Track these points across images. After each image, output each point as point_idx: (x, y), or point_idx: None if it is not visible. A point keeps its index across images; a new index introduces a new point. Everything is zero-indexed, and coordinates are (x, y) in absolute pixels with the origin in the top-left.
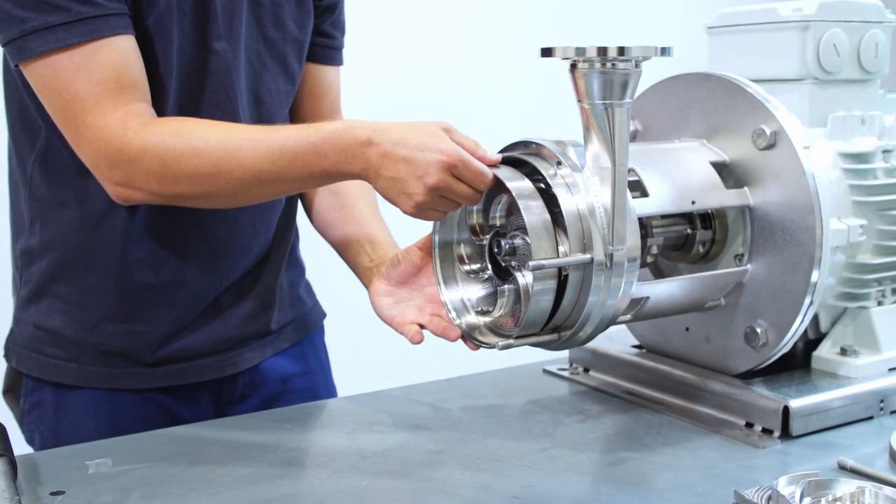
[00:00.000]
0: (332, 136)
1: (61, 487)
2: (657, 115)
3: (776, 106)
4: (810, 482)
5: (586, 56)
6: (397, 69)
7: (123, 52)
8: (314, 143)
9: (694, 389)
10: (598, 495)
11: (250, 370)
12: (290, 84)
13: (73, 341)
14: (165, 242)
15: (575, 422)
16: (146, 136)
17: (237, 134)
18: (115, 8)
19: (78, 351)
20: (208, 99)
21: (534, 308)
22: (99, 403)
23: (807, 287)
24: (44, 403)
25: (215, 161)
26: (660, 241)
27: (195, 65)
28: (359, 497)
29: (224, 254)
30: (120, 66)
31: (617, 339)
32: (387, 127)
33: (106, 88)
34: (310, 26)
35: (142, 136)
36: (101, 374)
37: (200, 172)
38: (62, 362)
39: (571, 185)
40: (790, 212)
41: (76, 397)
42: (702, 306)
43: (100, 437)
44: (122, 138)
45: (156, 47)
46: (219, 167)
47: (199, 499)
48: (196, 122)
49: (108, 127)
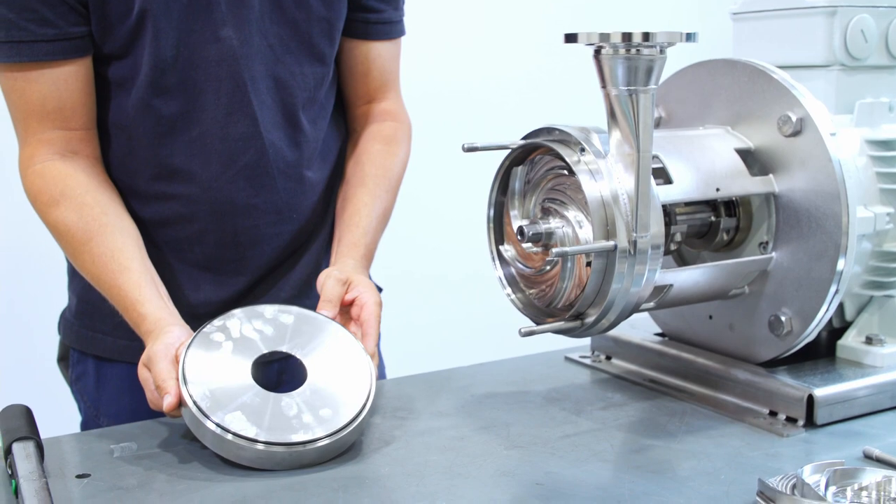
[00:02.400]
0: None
1: (87, 470)
2: (681, 102)
3: (802, 92)
4: (836, 471)
5: (611, 42)
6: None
7: (54, 80)
8: (124, 309)
9: (717, 378)
10: (620, 482)
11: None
12: (318, 65)
13: (110, 315)
14: (188, 228)
15: (597, 409)
16: (34, 186)
17: (84, 249)
18: (60, 33)
19: (113, 325)
20: (213, 88)
21: None
22: (134, 379)
23: (832, 275)
24: (86, 375)
25: (68, 250)
26: (683, 228)
27: (197, 55)
28: (381, 483)
29: (250, 242)
30: (46, 94)
31: (639, 326)
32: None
33: (29, 112)
34: (340, 3)
35: (33, 181)
36: (134, 349)
37: (61, 244)
38: (100, 335)
39: (595, 171)
40: (816, 199)
41: (114, 371)
42: (725, 294)
43: (134, 413)
44: (25, 171)
45: (145, 44)
46: (70, 254)
47: (224, 482)
48: (75, 203)
49: (21, 152)
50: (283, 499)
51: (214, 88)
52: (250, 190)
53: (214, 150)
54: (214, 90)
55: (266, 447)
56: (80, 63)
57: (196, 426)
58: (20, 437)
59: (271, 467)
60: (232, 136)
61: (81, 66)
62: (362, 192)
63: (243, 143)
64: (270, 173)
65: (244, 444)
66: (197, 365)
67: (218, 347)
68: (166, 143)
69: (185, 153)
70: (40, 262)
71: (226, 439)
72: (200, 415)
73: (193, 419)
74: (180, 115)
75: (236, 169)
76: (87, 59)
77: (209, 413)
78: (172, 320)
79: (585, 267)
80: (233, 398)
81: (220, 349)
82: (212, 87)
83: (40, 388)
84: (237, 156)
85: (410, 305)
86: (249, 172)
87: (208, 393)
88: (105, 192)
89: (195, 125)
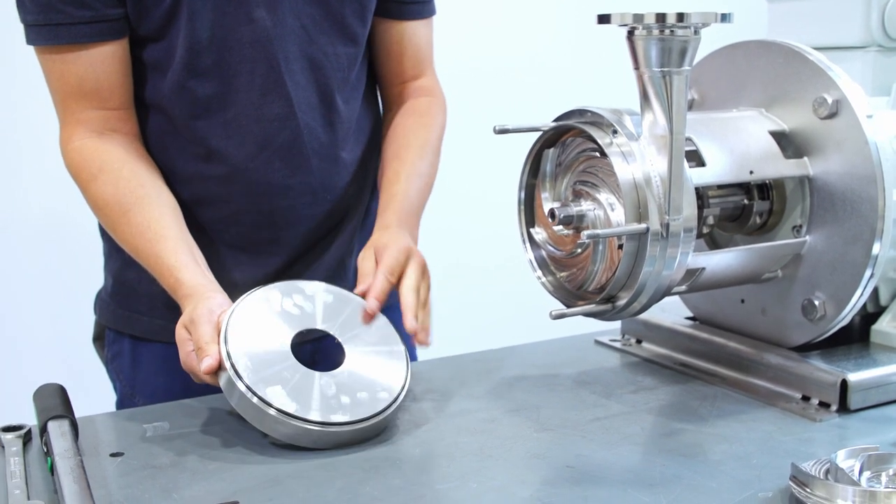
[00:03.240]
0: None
1: (120, 449)
2: (715, 84)
3: (838, 74)
4: (870, 456)
5: (644, 23)
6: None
7: (93, 59)
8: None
9: (749, 362)
10: (652, 466)
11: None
12: (351, 46)
13: (146, 295)
14: (224, 209)
15: (628, 392)
16: (75, 163)
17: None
18: (97, 15)
19: (149, 304)
20: (247, 69)
21: None
22: (169, 359)
23: (867, 259)
24: (122, 355)
25: (107, 223)
26: (716, 211)
27: (231, 37)
28: (411, 464)
29: (285, 223)
30: (83, 73)
31: (670, 310)
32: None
33: (68, 93)
34: None
35: (73, 158)
36: (170, 330)
37: (100, 217)
38: (135, 315)
39: (627, 153)
40: (851, 182)
41: (150, 351)
42: (758, 278)
43: (169, 393)
44: (64, 147)
45: (180, 27)
46: (109, 227)
47: (255, 462)
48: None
49: (62, 132)
50: (315, 478)
51: (249, 70)
52: (285, 171)
53: (249, 131)
54: (249, 71)
55: (305, 425)
56: (117, 44)
57: (234, 394)
58: (55, 415)
59: (306, 444)
60: (267, 116)
61: (118, 47)
62: (397, 163)
63: (278, 123)
64: (305, 154)
65: (284, 419)
66: (239, 333)
67: (259, 319)
68: (202, 125)
69: (220, 134)
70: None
71: (267, 413)
72: (242, 385)
73: (231, 386)
74: (215, 96)
75: (272, 150)
76: (124, 41)
77: (252, 385)
78: (213, 287)
79: (617, 250)
80: (274, 372)
81: (262, 321)
82: (246, 68)
83: (76, 367)
84: (272, 137)
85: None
86: (284, 153)
87: (250, 364)
88: (142, 165)
89: (230, 106)
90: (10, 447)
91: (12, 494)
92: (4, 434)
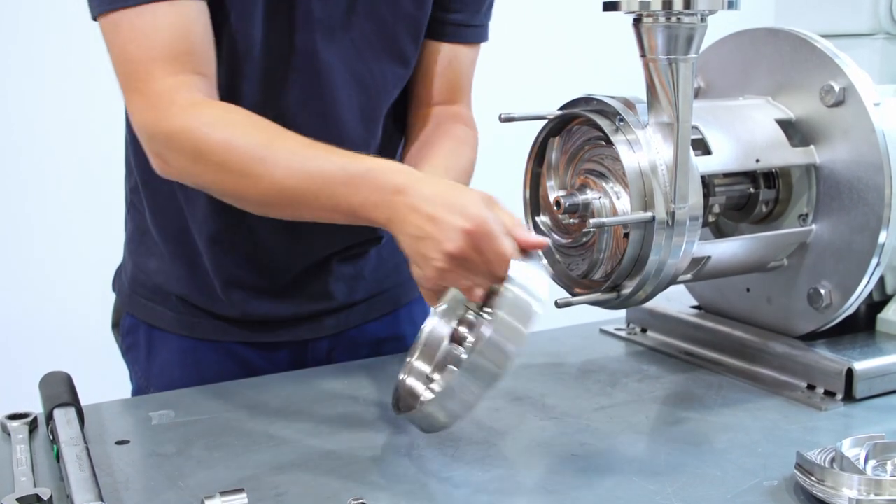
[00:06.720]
0: (370, 173)
1: (126, 437)
2: (721, 72)
3: (845, 61)
4: (876, 444)
5: (651, 10)
6: None
7: (183, 17)
8: (349, 174)
9: (754, 350)
10: (657, 454)
11: (337, 335)
12: (401, 67)
13: (163, 285)
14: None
15: (633, 381)
16: (186, 117)
17: (278, 141)
18: None
19: (164, 295)
20: (294, 79)
21: None
22: (184, 351)
23: (874, 248)
24: (138, 344)
25: (246, 162)
26: (722, 199)
27: (282, 42)
28: (416, 452)
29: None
30: (175, 32)
31: (675, 299)
32: (424, 178)
33: (158, 55)
34: (428, 3)
35: (182, 115)
36: (183, 322)
37: (230, 169)
38: (151, 303)
39: (633, 141)
40: (858, 170)
41: (165, 342)
42: (764, 266)
43: (183, 387)
44: (165, 112)
45: (234, 21)
46: (247, 170)
47: (260, 451)
48: (246, 115)
49: (155, 97)
50: (320, 466)
51: (292, 79)
52: None
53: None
54: (292, 81)
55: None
56: (202, 3)
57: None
58: (61, 403)
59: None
60: (307, 126)
61: (203, 7)
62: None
63: (317, 136)
64: None
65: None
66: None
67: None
68: None
69: None
70: (87, 233)
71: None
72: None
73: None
74: (259, 102)
75: None
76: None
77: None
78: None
79: (622, 238)
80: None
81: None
82: (290, 77)
83: (84, 356)
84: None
85: None
86: None
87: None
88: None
89: (272, 113)
90: (17, 435)
91: (18, 482)
92: (11, 422)
